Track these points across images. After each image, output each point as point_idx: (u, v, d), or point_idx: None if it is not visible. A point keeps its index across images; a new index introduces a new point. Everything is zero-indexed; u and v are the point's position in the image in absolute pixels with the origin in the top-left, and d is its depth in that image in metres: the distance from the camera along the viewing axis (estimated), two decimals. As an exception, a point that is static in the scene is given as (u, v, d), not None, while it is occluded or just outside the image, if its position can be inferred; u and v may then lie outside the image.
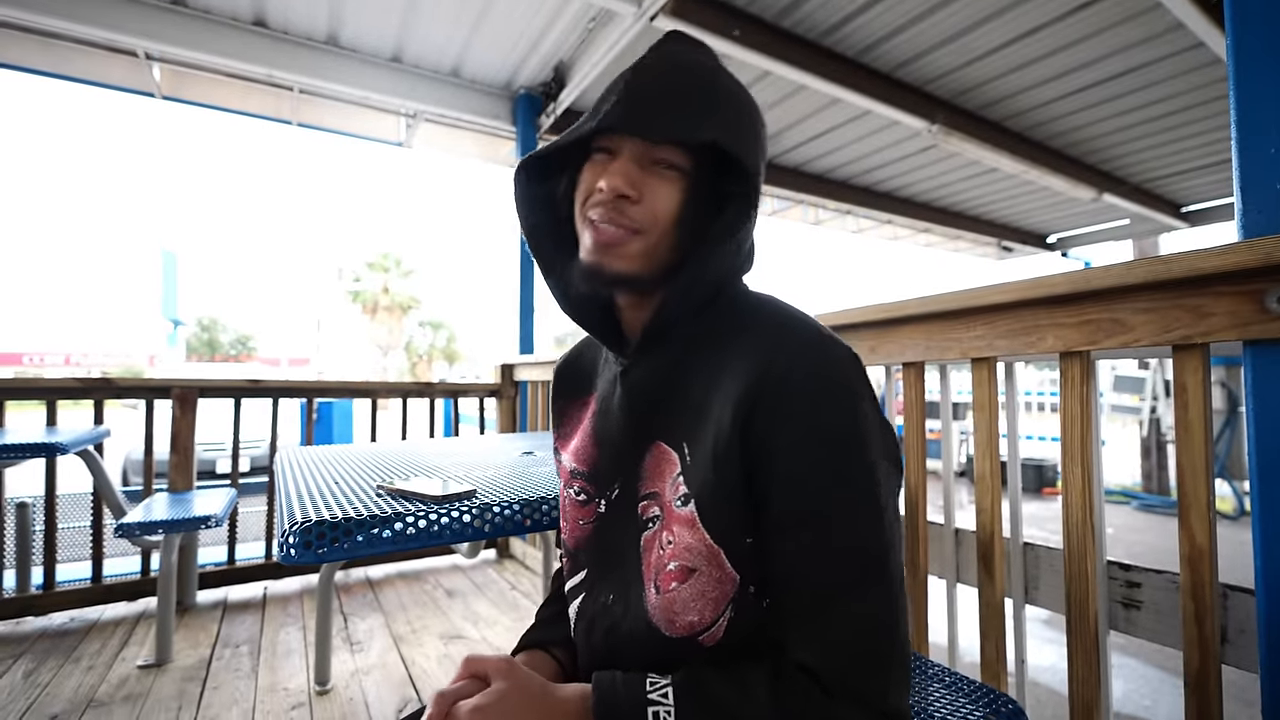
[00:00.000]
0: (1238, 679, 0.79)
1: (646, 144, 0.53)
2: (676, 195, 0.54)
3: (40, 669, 1.78)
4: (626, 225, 0.53)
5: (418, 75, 3.14)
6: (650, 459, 0.57)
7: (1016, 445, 1.16)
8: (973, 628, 1.08)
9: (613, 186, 0.52)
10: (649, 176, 0.53)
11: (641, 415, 0.58)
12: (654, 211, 0.53)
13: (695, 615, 0.51)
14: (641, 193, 0.53)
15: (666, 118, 0.52)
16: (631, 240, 0.53)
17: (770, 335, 0.52)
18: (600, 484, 0.62)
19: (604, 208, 0.53)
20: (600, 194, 0.53)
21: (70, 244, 51.82)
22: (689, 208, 0.54)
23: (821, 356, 0.49)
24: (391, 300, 27.61)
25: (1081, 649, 0.90)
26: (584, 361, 0.72)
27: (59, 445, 1.82)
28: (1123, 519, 5.05)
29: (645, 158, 0.54)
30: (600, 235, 0.53)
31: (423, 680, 1.77)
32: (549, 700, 0.48)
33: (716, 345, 0.55)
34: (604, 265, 0.54)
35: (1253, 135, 0.72)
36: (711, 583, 0.51)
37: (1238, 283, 0.70)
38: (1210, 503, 0.76)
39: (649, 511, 0.56)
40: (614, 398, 0.62)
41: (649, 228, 0.53)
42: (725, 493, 0.50)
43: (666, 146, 0.53)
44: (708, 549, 0.51)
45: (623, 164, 0.53)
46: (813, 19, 2.78)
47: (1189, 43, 2.92)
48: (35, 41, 2.65)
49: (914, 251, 6.92)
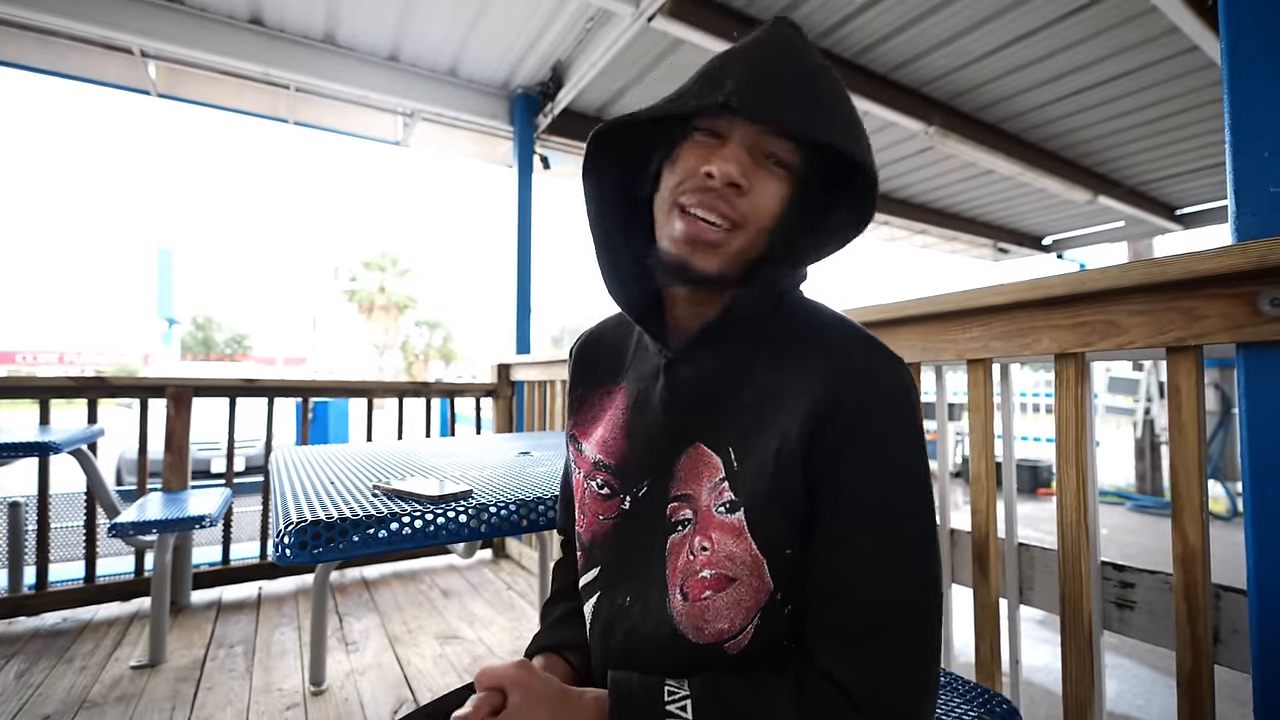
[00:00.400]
0: (1230, 679, 0.79)
1: (759, 134, 0.50)
2: (784, 194, 0.51)
3: (33, 669, 1.77)
4: (728, 215, 0.49)
5: (415, 74, 3.13)
6: (686, 459, 0.55)
7: (1012, 446, 1.16)
8: (967, 628, 1.08)
9: (725, 173, 0.48)
10: (758, 169, 0.50)
11: (684, 413, 0.56)
12: (759, 207, 0.50)
13: (726, 623, 0.50)
14: (753, 184, 0.50)
15: (795, 110, 0.48)
16: (727, 239, 0.50)
17: (842, 346, 0.51)
18: (627, 479, 0.59)
19: (706, 194, 0.49)
20: (707, 180, 0.49)
21: (65, 242, 51.59)
22: (792, 209, 0.52)
23: (896, 383, 0.49)
24: (388, 299, 27.54)
25: (1075, 649, 0.90)
26: (609, 344, 0.68)
27: (52, 444, 1.81)
28: (1116, 520, 5.07)
29: (757, 148, 0.50)
30: (692, 229, 0.50)
31: (418, 680, 1.76)
32: (568, 707, 0.47)
33: (774, 352, 0.54)
34: (691, 262, 0.50)
35: (1247, 139, 0.72)
36: (749, 592, 0.50)
37: (1231, 285, 0.71)
38: (1203, 504, 0.76)
39: (679, 514, 0.54)
40: (654, 391, 0.59)
41: (749, 223, 0.50)
42: (780, 504, 0.49)
43: (781, 140, 0.50)
44: (752, 559, 0.50)
45: (735, 150, 0.49)
46: (810, 21, 2.78)
47: (1184, 46, 2.94)
48: (31, 38, 2.63)
49: (910, 253, 6.94)
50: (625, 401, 0.62)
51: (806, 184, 0.52)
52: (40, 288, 40.08)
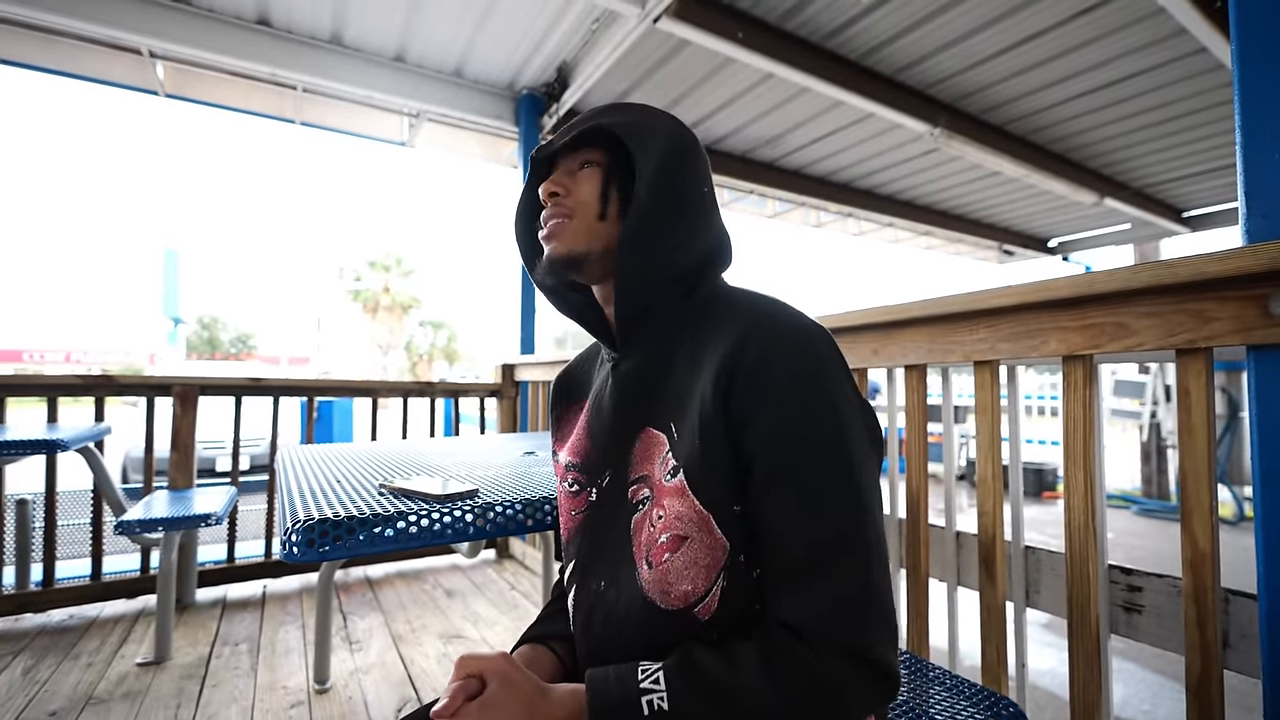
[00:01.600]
0: (1238, 684, 0.79)
1: (570, 156, 0.65)
2: (595, 182, 0.63)
3: (39, 666, 1.78)
4: (558, 213, 0.62)
5: (421, 75, 3.14)
6: (640, 445, 0.60)
7: (1019, 449, 1.16)
8: (974, 631, 1.08)
9: (546, 190, 0.63)
10: (573, 176, 0.64)
11: (630, 404, 0.62)
12: (579, 198, 0.63)
13: (689, 584, 0.52)
14: (569, 188, 0.63)
15: (578, 130, 0.63)
16: (565, 225, 0.62)
17: (747, 313, 0.56)
18: (591, 473, 0.65)
19: (547, 209, 0.64)
20: (545, 202, 0.64)
21: (72, 241, 51.83)
22: (608, 192, 0.62)
23: (798, 333, 0.53)
24: (392, 299, 27.60)
25: (1083, 653, 0.90)
26: (579, 371, 0.78)
27: (60, 442, 1.82)
28: (1122, 523, 5.04)
29: (572, 164, 0.64)
30: (544, 231, 0.64)
31: (422, 680, 1.77)
32: (544, 702, 0.49)
33: (697, 332, 0.59)
34: (551, 253, 0.63)
35: (1257, 141, 0.72)
36: (703, 549, 0.52)
37: (1242, 288, 0.70)
38: (1213, 507, 0.76)
39: (639, 494, 0.58)
40: (605, 391, 0.66)
41: (575, 210, 0.62)
42: (712, 461, 0.52)
43: (584, 150, 0.64)
44: (698, 515, 0.52)
45: (556, 174, 0.65)
46: (816, 22, 2.78)
47: (1192, 48, 2.92)
48: (40, 39, 2.65)
49: (915, 254, 6.93)
50: (587, 408, 0.70)
51: (618, 173, 0.63)
52: (48, 287, 40.34)
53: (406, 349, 32.34)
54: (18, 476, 2.44)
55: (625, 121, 0.62)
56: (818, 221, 5.58)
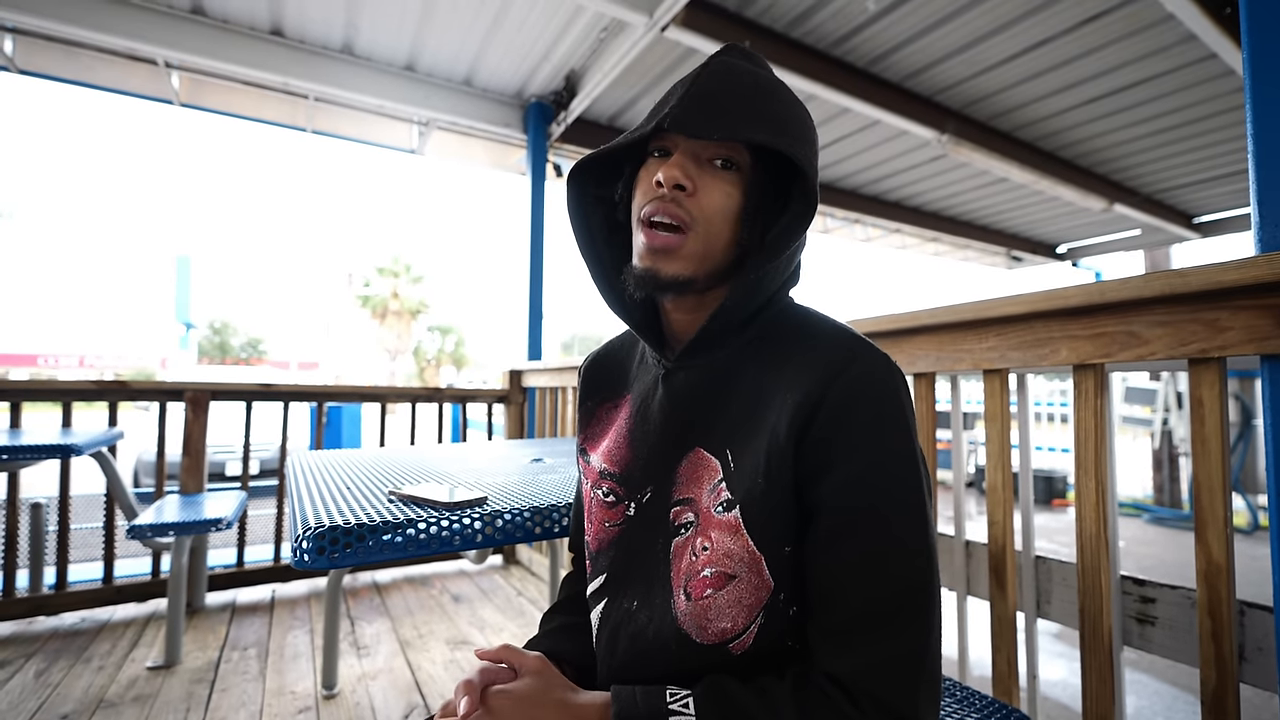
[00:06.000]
0: (1253, 696, 0.78)
1: (703, 144, 0.54)
2: (733, 191, 0.54)
3: (51, 669, 1.80)
4: (679, 216, 0.52)
5: (431, 84, 3.18)
6: (687, 464, 0.56)
7: (1029, 457, 1.15)
8: (984, 641, 1.07)
9: (669, 177, 0.52)
10: (705, 172, 0.54)
11: (682, 420, 0.58)
12: (710, 205, 0.53)
13: (728, 622, 0.51)
14: (697, 185, 0.53)
15: (722, 117, 0.52)
16: (684, 242, 0.53)
17: (829, 349, 0.51)
18: (631, 486, 0.60)
19: (660, 201, 0.53)
20: (657, 188, 0.53)
21: (87, 247, 52.59)
22: (747, 206, 0.54)
23: (885, 381, 0.50)
24: (401, 305, 27.78)
25: (1095, 664, 0.89)
26: (615, 360, 0.71)
27: (74, 447, 1.84)
28: (1133, 532, 4.98)
29: (702, 156, 0.54)
30: (653, 239, 0.53)
31: (429, 686, 1.77)
32: (572, 704, 0.49)
33: (765, 355, 0.55)
34: (658, 270, 0.53)
35: (1269, 148, 0.72)
36: (749, 590, 0.50)
37: (1256, 297, 0.70)
38: (1228, 518, 0.75)
39: (682, 517, 0.55)
40: (654, 400, 0.61)
41: (703, 223, 0.53)
42: (774, 501, 0.50)
43: (720, 146, 0.53)
44: (750, 556, 0.50)
45: (679, 158, 0.53)
46: (823, 29, 2.79)
47: (1201, 54, 2.91)
48: (59, 50, 2.70)
49: (922, 260, 6.90)
50: (629, 412, 0.64)
51: (758, 184, 0.55)
52: (62, 292, 40.85)
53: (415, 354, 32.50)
54: (32, 480, 2.47)
55: (787, 119, 0.54)
56: (825, 228, 5.58)
